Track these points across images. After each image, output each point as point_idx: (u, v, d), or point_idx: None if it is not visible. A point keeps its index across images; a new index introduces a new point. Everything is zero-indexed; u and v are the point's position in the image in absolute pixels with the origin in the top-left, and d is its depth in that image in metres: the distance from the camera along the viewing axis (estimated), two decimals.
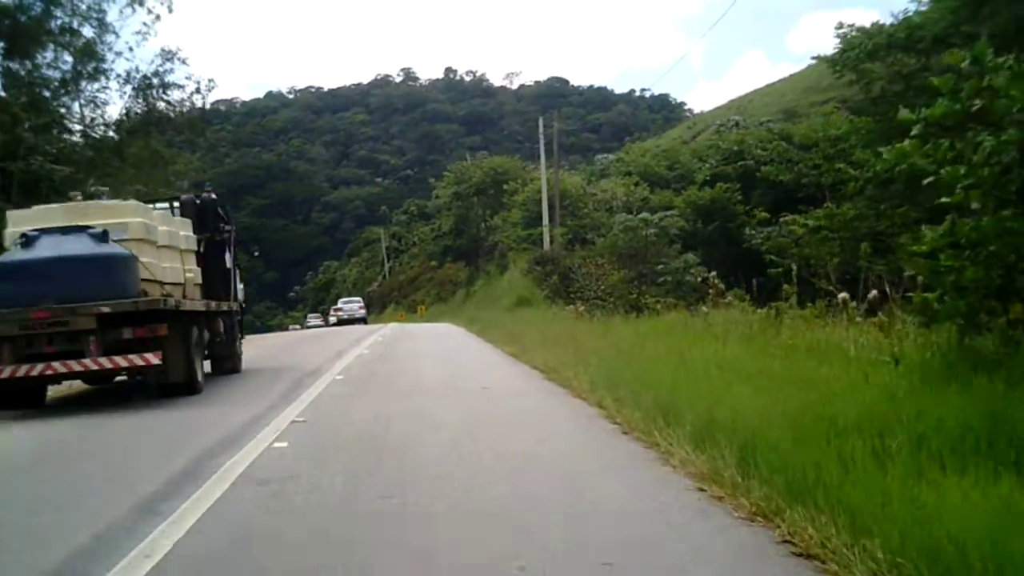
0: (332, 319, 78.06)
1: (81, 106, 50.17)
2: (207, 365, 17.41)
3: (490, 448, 8.01)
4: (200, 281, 17.33)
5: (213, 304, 17.53)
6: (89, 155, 50.16)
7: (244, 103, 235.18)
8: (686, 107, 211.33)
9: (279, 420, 10.52)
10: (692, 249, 45.65)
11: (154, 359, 13.59)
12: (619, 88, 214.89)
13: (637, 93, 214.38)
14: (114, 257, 13.72)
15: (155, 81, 52.62)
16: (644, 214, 43.38)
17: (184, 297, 15.76)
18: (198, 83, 55.13)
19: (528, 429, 9.12)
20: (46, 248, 13.62)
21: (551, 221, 51.75)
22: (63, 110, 49.20)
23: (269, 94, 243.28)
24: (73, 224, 14.06)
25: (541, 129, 54.72)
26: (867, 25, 37.88)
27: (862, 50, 35.44)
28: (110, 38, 49.37)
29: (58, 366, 13.23)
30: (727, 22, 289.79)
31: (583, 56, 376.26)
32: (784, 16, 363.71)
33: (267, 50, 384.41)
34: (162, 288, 14.67)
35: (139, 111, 53.16)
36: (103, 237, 13.76)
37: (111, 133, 52.49)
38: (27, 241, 13.74)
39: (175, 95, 53.87)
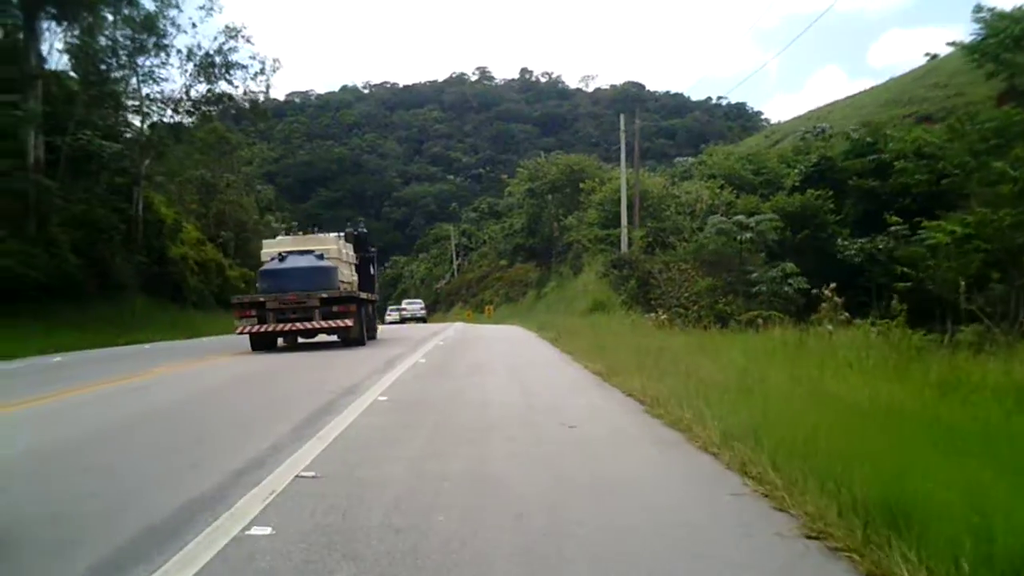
0: (391, 316, 77.59)
1: (139, 81, 47.51)
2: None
3: (596, 559, 4.78)
4: (358, 282, 28.97)
5: (368, 295, 29.49)
6: (146, 134, 47.60)
7: (319, 96, 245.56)
8: (762, 116, 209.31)
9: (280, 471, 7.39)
10: (779, 258, 42.42)
11: (348, 322, 24.81)
12: (695, 95, 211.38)
13: (714, 101, 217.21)
14: (327, 267, 25.63)
15: (218, 60, 49.86)
16: (739, 216, 39.76)
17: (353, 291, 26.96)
18: (263, 63, 52.20)
19: (651, 522, 5.64)
20: (292, 262, 25.48)
21: (630, 222, 48.44)
22: (119, 86, 46.43)
23: (344, 88, 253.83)
24: (303, 249, 26.28)
25: (622, 125, 51.34)
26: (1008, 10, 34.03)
27: (1008, 35, 31.52)
28: (172, 12, 46.83)
29: (298, 325, 24.54)
30: (806, 36, 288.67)
31: (660, 62, 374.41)
32: (865, 32, 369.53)
33: (343, 44, 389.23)
34: (347, 285, 26.75)
35: (200, 91, 50.36)
36: (321, 257, 25.88)
37: (169, 112, 49.66)
38: (282, 258, 25.89)
39: (238, 75, 50.98)
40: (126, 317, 40.07)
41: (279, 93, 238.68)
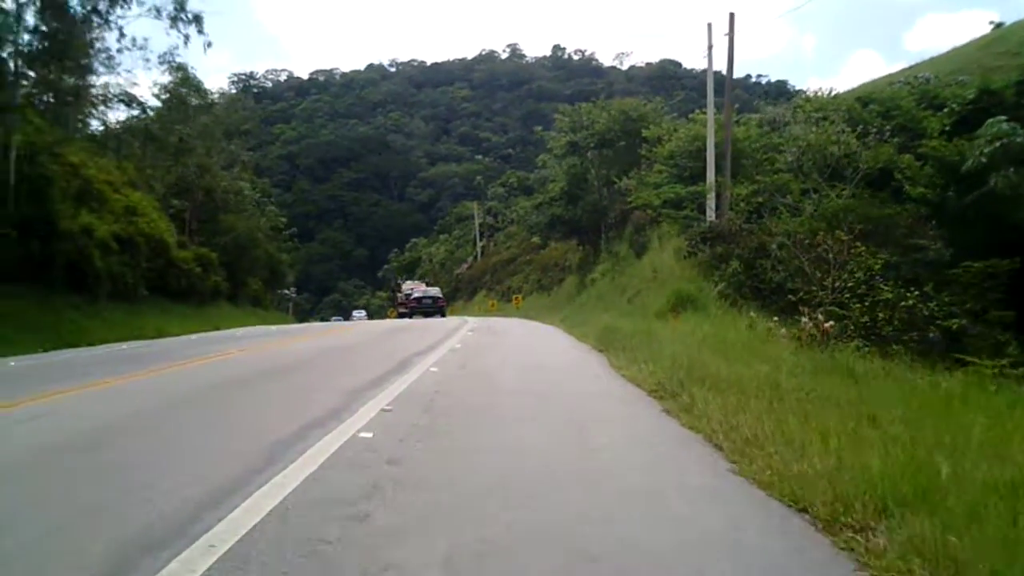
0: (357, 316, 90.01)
1: None
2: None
3: None
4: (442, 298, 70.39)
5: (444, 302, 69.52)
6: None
7: (344, 75, 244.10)
8: (805, 94, 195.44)
9: None
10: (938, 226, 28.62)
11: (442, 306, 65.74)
12: (735, 73, 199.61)
13: (753, 79, 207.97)
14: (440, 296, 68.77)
15: None
16: None
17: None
18: None
19: None
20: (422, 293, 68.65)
21: (721, 176, 33.85)
22: None
23: (370, 66, 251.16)
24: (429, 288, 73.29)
25: (709, 40, 36.44)
26: None
27: None
28: None
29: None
30: (841, 20, 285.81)
31: (696, 40, 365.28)
32: (900, 16, 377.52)
33: (369, 22, 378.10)
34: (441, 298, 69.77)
35: None
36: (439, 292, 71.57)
37: None
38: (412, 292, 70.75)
39: None
40: None
41: (302, 71, 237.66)
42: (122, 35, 39.99)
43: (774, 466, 6.86)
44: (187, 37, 41.59)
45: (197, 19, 41.36)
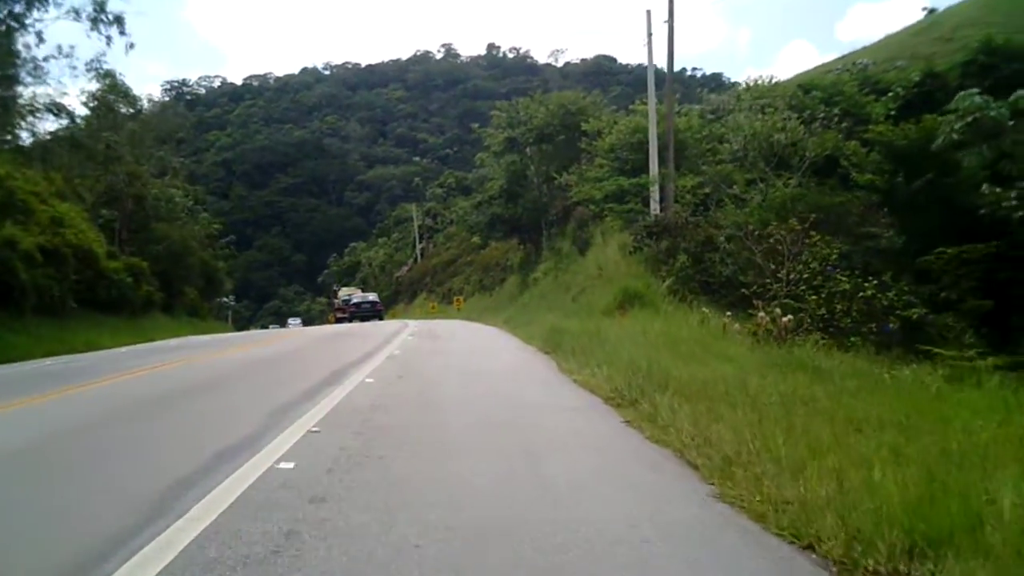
0: (292, 323, 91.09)
1: None
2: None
3: None
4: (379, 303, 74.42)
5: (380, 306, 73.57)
6: None
7: (277, 79, 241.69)
8: (741, 87, 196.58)
9: None
10: (889, 213, 28.05)
11: (379, 310, 70.41)
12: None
13: (688, 72, 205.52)
14: (377, 300, 74.38)
15: None
16: None
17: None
18: None
19: None
20: (362, 297, 74.98)
21: (664, 167, 33.07)
22: None
23: (304, 70, 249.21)
24: (367, 294, 79.67)
25: (649, 26, 35.60)
26: None
27: None
28: None
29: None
30: (775, 11, 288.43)
31: (631, 34, 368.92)
32: (833, 5, 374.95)
33: (302, 25, 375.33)
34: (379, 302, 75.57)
35: None
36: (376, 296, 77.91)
37: None
38: (350, 298, 75.17)
39: None
40: None
41: (236, 77, 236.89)
42: (41, 40, 38.41)
43: (764, 490, 5.81)
44: (109, 39, 40.19)
45: (118, 20, 39.97)
